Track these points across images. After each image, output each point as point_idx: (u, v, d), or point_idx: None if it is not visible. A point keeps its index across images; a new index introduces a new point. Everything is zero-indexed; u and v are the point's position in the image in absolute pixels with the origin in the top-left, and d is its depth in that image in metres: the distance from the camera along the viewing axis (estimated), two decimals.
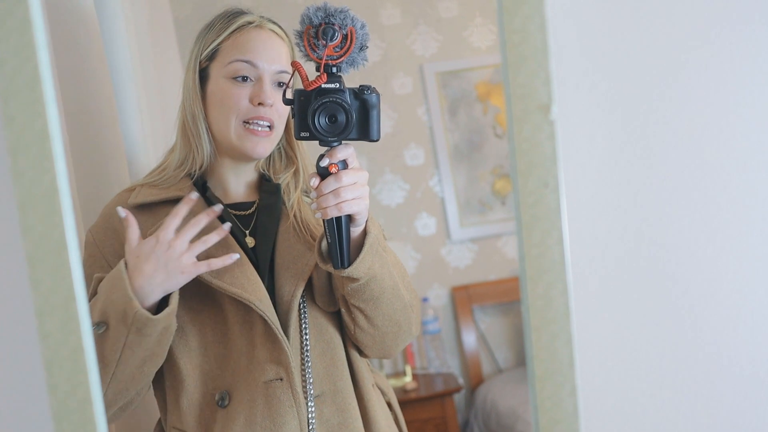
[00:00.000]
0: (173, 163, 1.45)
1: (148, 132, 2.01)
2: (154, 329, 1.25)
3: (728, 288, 1.04)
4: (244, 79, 1.39)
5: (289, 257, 1.39)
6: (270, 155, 1.50)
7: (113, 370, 1.26)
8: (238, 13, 1.44)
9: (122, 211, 1.29)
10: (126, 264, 1.27)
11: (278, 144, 1.49)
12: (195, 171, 1.44)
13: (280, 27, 1.46)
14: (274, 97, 1.38)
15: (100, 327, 1.25)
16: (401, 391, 3.39)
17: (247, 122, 1.38)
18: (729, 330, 1.03)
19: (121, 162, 1.81)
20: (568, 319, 0.74)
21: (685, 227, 0.99)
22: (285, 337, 1.33)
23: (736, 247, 1.02)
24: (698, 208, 1.00)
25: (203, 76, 1.43)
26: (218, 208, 1.31)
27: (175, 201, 1.39)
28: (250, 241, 1.43)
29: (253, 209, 1.46)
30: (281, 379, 1.33)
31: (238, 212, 1.45)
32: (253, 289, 1.33)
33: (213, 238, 1.30)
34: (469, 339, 3.85)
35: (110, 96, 1.80)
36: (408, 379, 3.46)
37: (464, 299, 3.95)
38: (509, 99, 0.71)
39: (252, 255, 1.40)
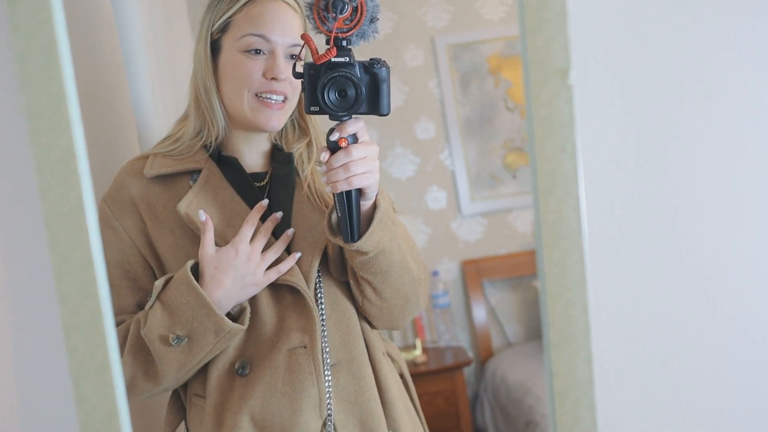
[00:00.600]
0: (188, 133, 1.44)
1: (159, 100, 2.00)
2: (239, 335, 1.33)
3: (744, 253, 1.03)
4: (257, 52, 1.38)
5: (305, 227, 1.40)
6: (285, 127, 1.50)
7: (174, 375, 1.33)
8: None
9: (203, 215, 1.31)
10: (199, 270, 1.31)
11: (291, 116, 1.48)
12: (210, 142, 1.43)
13: None
14: (287, 70, 1.37)
15: (181, 340, 1.29)
16: (411, 365, 3.41)
17: (260, 95, 1.38)
18: (745, 299, 1.03)
19: (132, 130, 1.81)
20: (584, 286, 0.74)
21: (703, 193, 0.98)
22: (315, 306, 1.35)
23: (757, 219, 1.01)
24: (716, 174, 0.99)
25: (215, 48, 1.42)
26: (278, 215, 1.37)
27: (192, 172, 1.41)
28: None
29: (266, 180, 1.46)
30: (305, 347, 1.34)
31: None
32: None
33: (280, 246, 1.36)
34: (479, 313, 3.86)
35: (120, 64, 1.79)
36: (418, 352, 3.47)
37: (474, 273, 3.95)
38: (527, 64, 0.70)
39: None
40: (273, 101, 1.38)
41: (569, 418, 0.73)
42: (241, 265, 1.31)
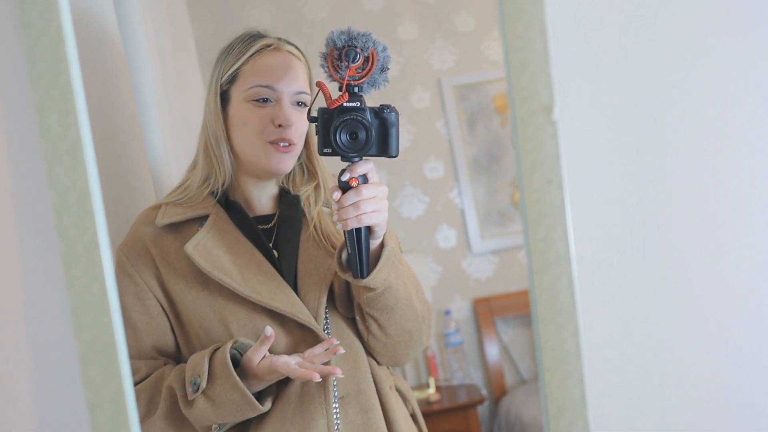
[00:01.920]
0: (196, 181, 1.50)
1: (171, 148, 2.06)
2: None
3: (731, 281, 1.06)
4: (264, 100, 1.44)
5: (311, 265, 1.44)
6: (291, 170, 1.55)
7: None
8: (255, 37, 1.49)
9: (268, 330, 1.34)
10: (242, 363, 1.35)
11: (299, 159, 1.54)
12: (217, 189, 1.49)
13: (297, 48, 1.51)
14: (293, 117, 1.43)
15: (222, 427, 1.37)
16: (425, 403, 3.40)
17: (271, 142, 1.44)
18: (733, 322, 1.05)
19: (146, 177, 1.86)
20: (574, 310, 0.77)
21: (687, 221, 1.01)
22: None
23: (738, 242, 1.04)
24: (699, 202, 1.02)
25: (224, 98, 1.48)
26: (339, 351, 1.35)
27: (201, 218, 1.46)
28: (274, 253, 1.47)
29: (273, 222, 1.51)
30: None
31: (260, 226, 1.50)
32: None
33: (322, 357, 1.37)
34: (492, 351, 3.85)
35: (134, 114, 1.86)
36: (431, 390, 3.46)
37: (486, 311, 3.95)
38: (513, 102, 0.75)
39: (278, 265, 1.45)
40: (282, 146, 1.44)
41: None
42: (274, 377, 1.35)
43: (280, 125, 1.43)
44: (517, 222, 3.87)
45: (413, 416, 1.57)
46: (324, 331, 1.42)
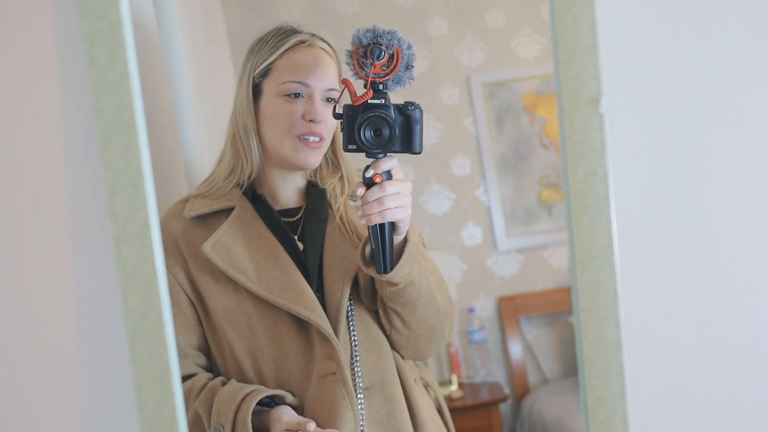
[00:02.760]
0: (222, 174, 1.53)
1: (204, 140, 2.09)
2: None
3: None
4: (296, 95, 1.46)
5: (336, 257, 1.46)
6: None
7: None
8: (290, 32, 1.51)
9: (311, 426, 1.36)
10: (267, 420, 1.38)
11: (325, 154, 1.56)
12: (243, 181, 1.51)
13: (329, 45, 1.53)
14: (324, 113, 1.45)
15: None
16: (447, 400, 3.41)
17: (301, 137, 1.45)
18: None
19: (179, 169, 1.89)
20: (616, 302, 0.78)
21: (731, 215, 1.01)
22: (336, 338, 1.40)
23: None
24: (743, 196, 1.02)
25: (256, 91, 1.50)
26: (311, 426, 1.37)
27: (227, 211, 1.49)
28: (299, 245, 1.49)
29: (300, 215, 1.53)
30: (334, 374, 1.39)
31: (286, 219, 1.52)
32: (306, 303, 1.41)
33: None
34: (516, 349, 3.84)
35: (170, 106, 1.88)
36: (454, 387, 3.47)
37: (510, 310, 3.94)
38: (560, 93, 0.75)
39: (302, 258, 1.47)
40: (312, 141, 1.45)
41: (603, 430, 0.76)
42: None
43: (311, 120, 1.45)
44: (543, 221, 3.86)
45: (438, 409, 1.58)
46: (349, 321, 1.43)
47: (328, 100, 1.49)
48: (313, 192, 1.56)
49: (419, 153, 1.30)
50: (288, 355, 1.43)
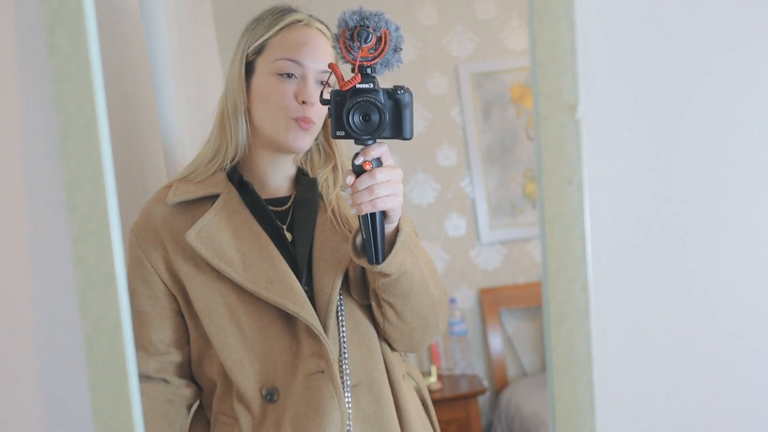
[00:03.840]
0: (207, 155, 1.48)
1: (185, 126, 2.05)
2: None
3: (748, 288, 1.04)
4: (289, 75, 1.42)
5: (327, 249, 1.42)
6: (308, 151, 1.54)
7: None
8: (287, 11, 1.47)
9: None
10: None
11: (316, 140, 1.52)
12: (227, 164, 1.47)
13: (326, 26, 1.49)
14: (317, 96, 1.41)
15: None
16: None
17: (293, 119, 1.42)
18: (748, 329, 1.03)
19: (158, 154, 1.85)
20: (588, 314, 0.76)
21: (708, 227, 1.00)
22: (325, 335, 1.37)
23: (759, 249, 1.02)
24: (721, 208, 1.00)
25: (249, 69, 1.46)
26: None
27: (212, 198, 1.44)
28: (288, 236, 1.45)
29: (289, 204, 1.49)
30: (322, 372, 1.36)
31: (275, 208, 1.48)
32: (294, 297, 1.37)
33: None
34: (496, 342, 3.84)
35: (150, 89, 1.84)
36: (433, 379, 3.47)
37: (492, 302, 3.94)
38: (536, 97, 0.73)
39: (291, 249, 1.44)
40: (303, 123, 1.42)
41: None
42: None
43: (303, 102, 1.41)
44: (527, 213, 3.86)
45: (423, 403, 1.56)
46: (338, 317, 1.41)
47: (322, 82, 1.44)
48: (304, 181, 1.51)
49: (410, 138, 1.27)
50: (273, 350, 1.39)
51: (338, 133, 1.26)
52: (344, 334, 1.40)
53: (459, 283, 3.91)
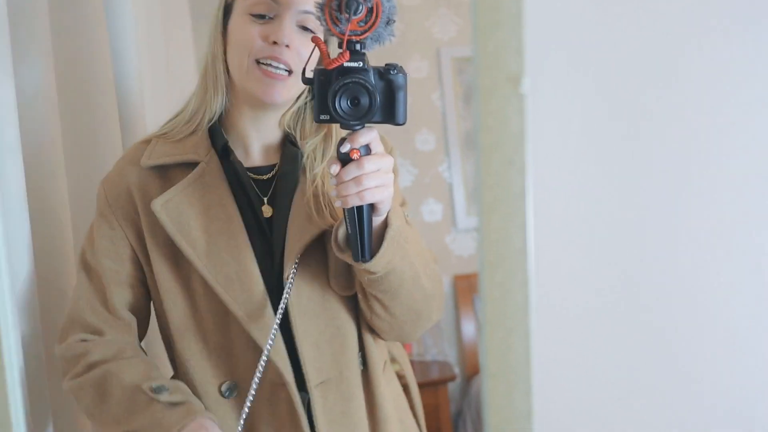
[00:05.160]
0: (188, 111, 1.37)
1: (148, 98, 1.95)
2: None
3: (702, 287, 0.98)
4: (263, 16, 1.28)
5: (299, 235, 1.30)
6: (301, 114, 1.40)
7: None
8: None
9: None
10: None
11: (307, 100, 1.39)
12: (207, 121, 1.35)
13: None
14: (293, 38, 1.27)
15: None
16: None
17: (261, 61, 1.28)
18: (698, 333, 0.98)
19: (114, 127, 1.76)
20: (527, 313, 0.69)
21: (660, 220, 0.93)
22: (268, 350, 1.26)
23: (714, 244, 0.96)
24: (679, 198, 0.94)
25: (227, 12, 1.34)
26: None
27: (190, 165, 1.33)
28: (266, 210, 1.34)
29: (272, 173, 1.37)
30: (285, 379, 1.28)
31: (257, 176, 1.36)
32: (249, 305, 1.27)
33: None
34: (468, 329, 3.82)
35: (106, 55, 1.75)
36: None
37: (466, 288, 3.91)
38: (477, 68, 0.65)
39: (267, 231, 1.33)
40: (274, 70, 1.28)
41: None
42: None
43: (274, 42, 1.26)
44: None
45: (406, 389, 1.48)
46: (304, 311, 1.32)
47: (303, 27, 1.29)
48: (288, 151, 1.37)
49: (403, 124, 1.14)
50: (234, 345, 1.30)
51: (322, 117, 1.12)
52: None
53: None
